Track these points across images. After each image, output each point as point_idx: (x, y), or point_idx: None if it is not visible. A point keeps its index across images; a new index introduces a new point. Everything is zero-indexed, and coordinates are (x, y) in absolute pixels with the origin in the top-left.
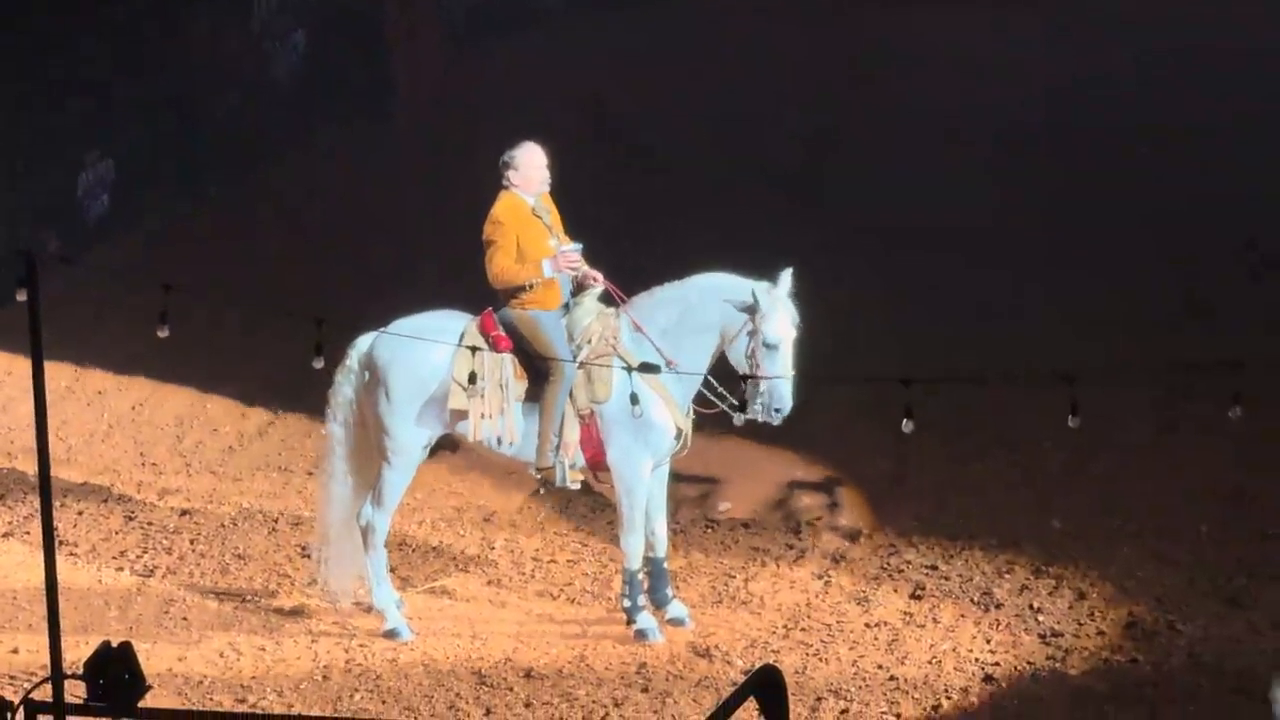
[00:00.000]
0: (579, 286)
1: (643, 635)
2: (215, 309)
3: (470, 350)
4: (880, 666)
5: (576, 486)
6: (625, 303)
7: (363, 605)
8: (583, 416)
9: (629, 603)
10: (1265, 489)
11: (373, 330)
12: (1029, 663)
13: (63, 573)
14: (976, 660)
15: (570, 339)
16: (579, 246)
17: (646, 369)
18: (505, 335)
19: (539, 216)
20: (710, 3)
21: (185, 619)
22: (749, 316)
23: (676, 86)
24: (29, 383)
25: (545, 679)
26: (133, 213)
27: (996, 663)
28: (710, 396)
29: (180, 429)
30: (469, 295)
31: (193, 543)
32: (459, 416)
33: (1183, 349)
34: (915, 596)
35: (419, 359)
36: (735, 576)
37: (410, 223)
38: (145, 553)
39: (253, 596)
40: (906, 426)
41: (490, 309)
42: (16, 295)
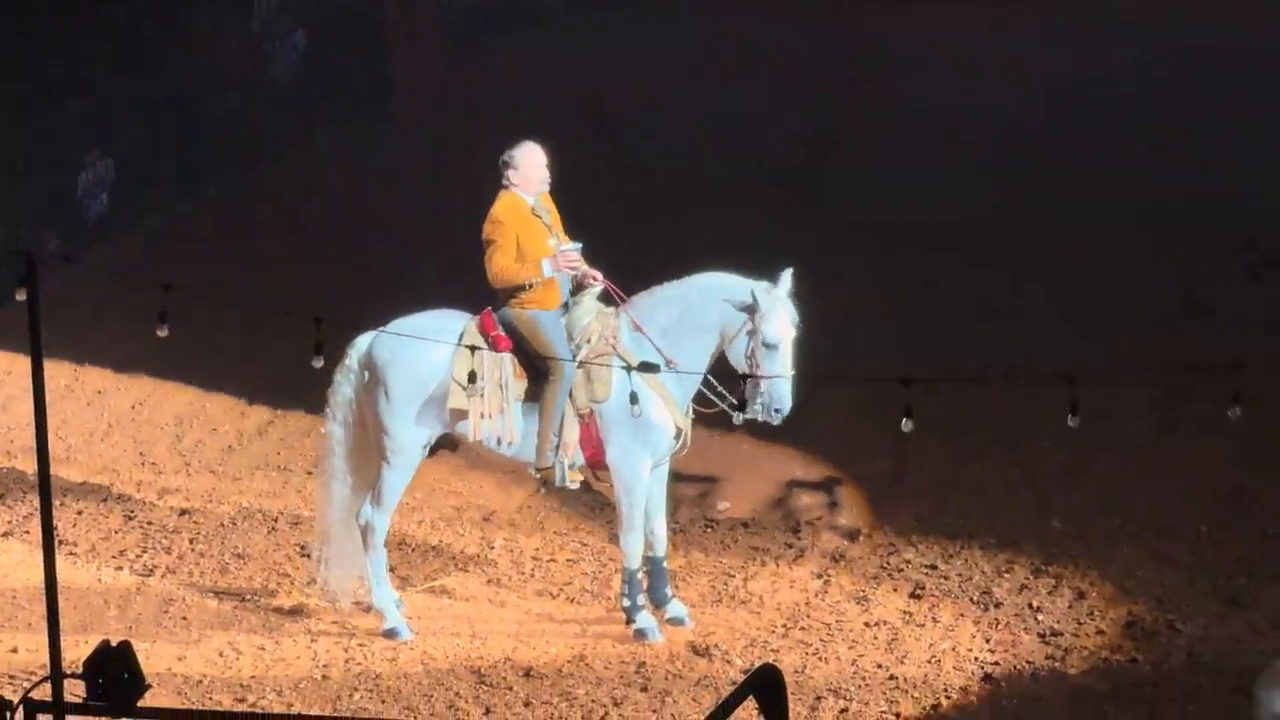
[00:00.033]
0: (578, 286)
1: (642, 634)
2: (215, 309)
3: (470, 350)
4: (880, 666)
5: (576, 486)
6: (625, 302)
7: (362, 605)
8: (582, 416)
9: (628, 602)
10: (1265, 489)
11: (372, 330)
12: (1028, 662)
13: (62, 572)
14: (976, 659)
15: (570, 338)
16: (578, 246)
17: (646, 368)
18: (505, 335)
19: (539, 216)
20: (710, 3)
21: (185, 618)
22: (748, 316)
23: (676, 86)
24: (28, 382)
25: (545, 678)
26: (132, 212)
27: (996, 662)
28: (710, 396)
29: (180, 428)
30: (469, 295)
31: (192, 542)
32: (458, 416)
33: (1182, 349)
34: (915, 596)
35: (418, 358)
36: (735, 576)
37: (410, 222)
38: (145, 552)
39: (252, 596)
40: (906, 426)
41: (490, 308)
42: (16, 295)
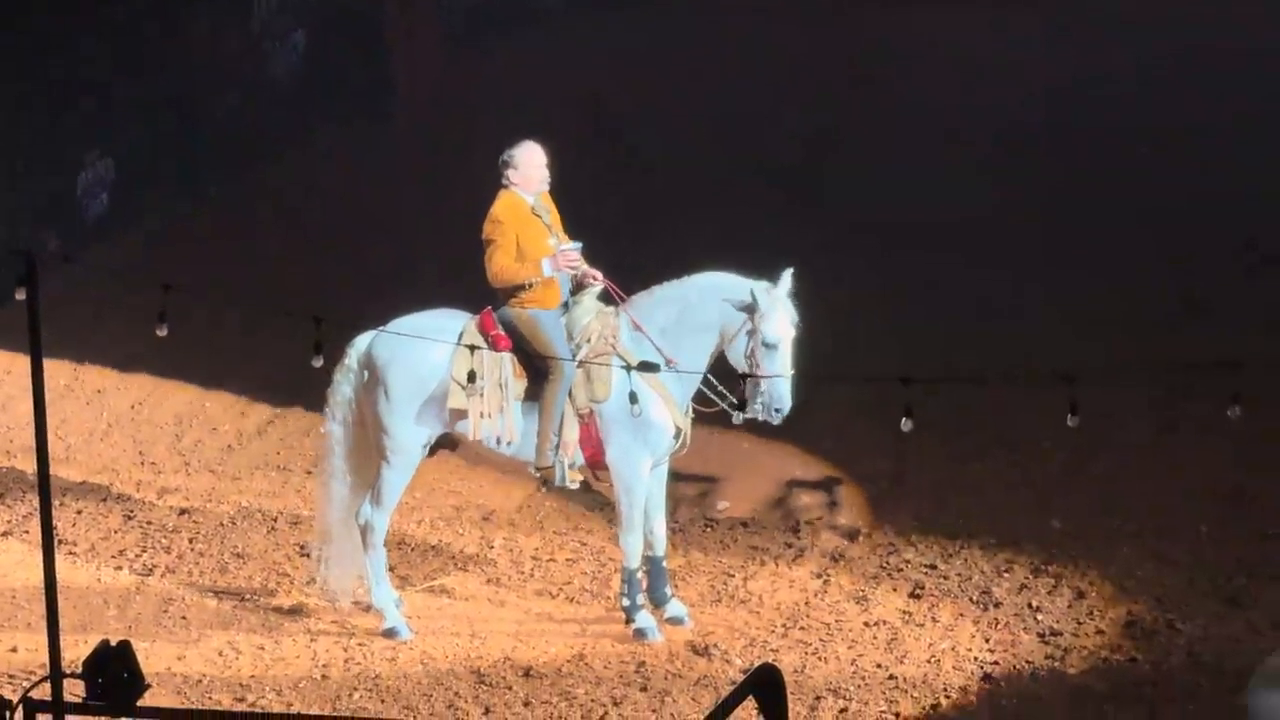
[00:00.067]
0: (578, 285)
1: (641, 634)
2: (215, 308)
3: (469, 349)
4: (879, 665)
5: (576, 485)
6: (624, 301)
7: (362, 604)
8: (582, 415)
9: (628, 601)
10: (1265, 489)
11: (372, 329)
12: (1028, 662)
13: (62, 571)
14: (975, 659)
15: (569, 338)
16: (578, 245)
17: (646, 368)
18: (504, 334)
19: (538, 215)
20: (710, 3)
21: (184, 618)
22: (748, 316)
23: (676, 86)
24: (28, 381)
25: (544, 678)
26: (132, 212)
27: (995, 662)
28: (710, 395)
29: (179, 428)
30: (468, 294)
31: (192, 541)
32: (458, 415)
33: (1182, 349)
34: (914, 595)
35: (418, 358)
36: (734, 575)
37: (409, 222)
38: (144, 551)
39: (251, 595)
40: (905, 426)
41: (489, 308)
42: (16, 294)
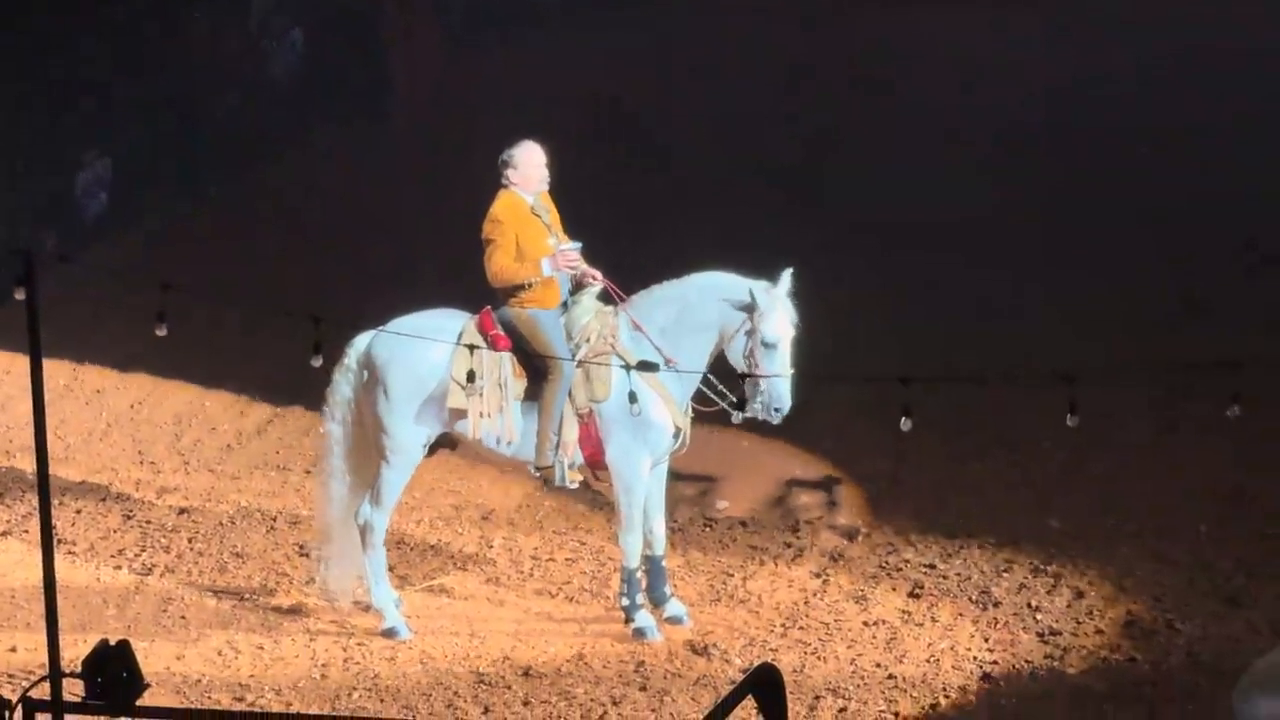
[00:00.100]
0: (578, 285)
1: (641, 633)
2: (214, 308)
3: (469, 349)
4: (878, 665)
5: (575, 485)
6: (624, 301)
7: (361, 604)
8: (581, 415)
9: (627, 601)
10: (1265, 489)
11: (371, 329)
12: (1027, 661)
13: (61, 571)
14: (975, 659)
15: (569, 338)
16: (578, 245)
17: (645, 367)
18: (504, 334)
19: (538, 215)
20: (710, 2)
21: (183, 617)
22: (747, 315)
23: (676, 86)
24: (27, 381)
25: (543, 677)
26: (132, 212)
27: (994, 661)
28: (710, 395)
29: (179, 427)
30: (468, 294)
31: (191, 541)
32: (458, 415)
33: (1182, 349)
34: (913, 595)
35: (417, 358)
36: (733, 575)
37: (409, 222)
38: (143, 551)
39: (251, 595)
40: (905, 425)
41: (489, 308)
42: (15, 294)
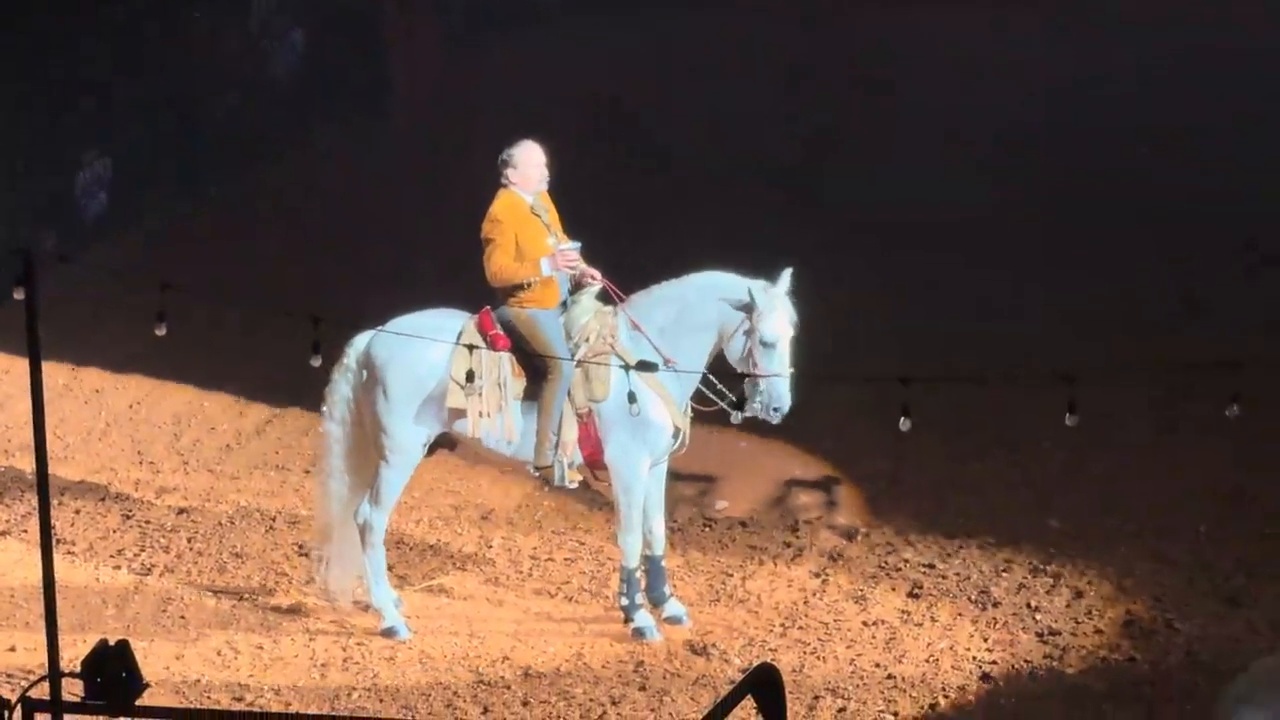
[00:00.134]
0: (577, 285)
1: (640, 633)
2: (214, 308)
3: (468, 349)
4: (878, 665)
5: (574, 485)
6: (623, 301)
7: (360, 604)
8: (581, 415)
9: (626, 601)
10: (1265, 489)
11: (370, 329)
12: (1026, 661)
13: (60, 571)
14: (974, 659)
15: (568, 337)
16: (577, 245)
17: (644, 367)
18: (503, 334)
19: (537, 215)
20: (710, 2)
21: (183, 617)
22: (746, 315)
23: (676, 86)
24: (27, 381)
25: (543, 677)
26: (132, 212)
27: (994, 661)
28: (709, 394)
29: (178, 427)
30: (467, 294)
31: (190, 541)
32: (457, 415)
33: (1182, 348)
34: (913, 595)
35: (417, 358)
36: (733, 575)
37: (408, 221)
38: (143, 551)
39: (250, 595)
40: (904, 425)
41: (488, 307)
42: (14, 294)
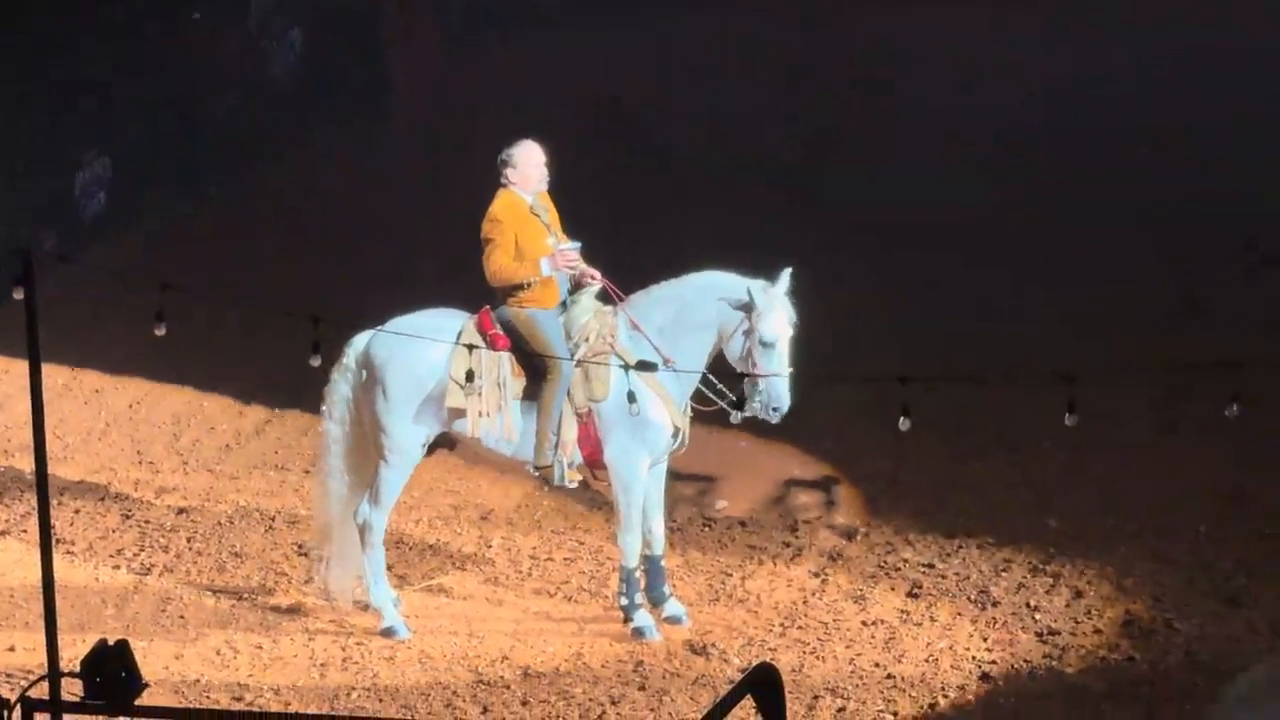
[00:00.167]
0: (576, 285)
1: (640, 633)
2: (214, 308)
3: (468, 348)
4: (877, 665)
5: (574, 485)
6: (623, 301)
7: (360, 603)
8: (580, 415)
9: (626, 600)
10: (1265, 489)
11: (370, 328)
12: (1026, 661)
13: (59, 571)
14: (973, 658)
15: (568, 337)
16: (577, 245)
17: (644, 367)
18: (503, 334)
19: (537, 215)
20: (710, 2)
21: (182, 617)
22: (745, 315)
23: (676, 86)
24: (26, 380)
25: (542, 677)
26: (132, 212)
27: (993, 661)
28: (709, 394)
29: (177, 427)
30: (467, 294)
31: (190, 541)
32: (456, 415)
33: (1182, 349)
34: (912, 595)
35: (416, 357)
36: (732, 574)
37: (408, 221)
38: (142, 551)
39: (250, 594)
40: (903, 425)
41: (488, 307)
42: (14, 294)
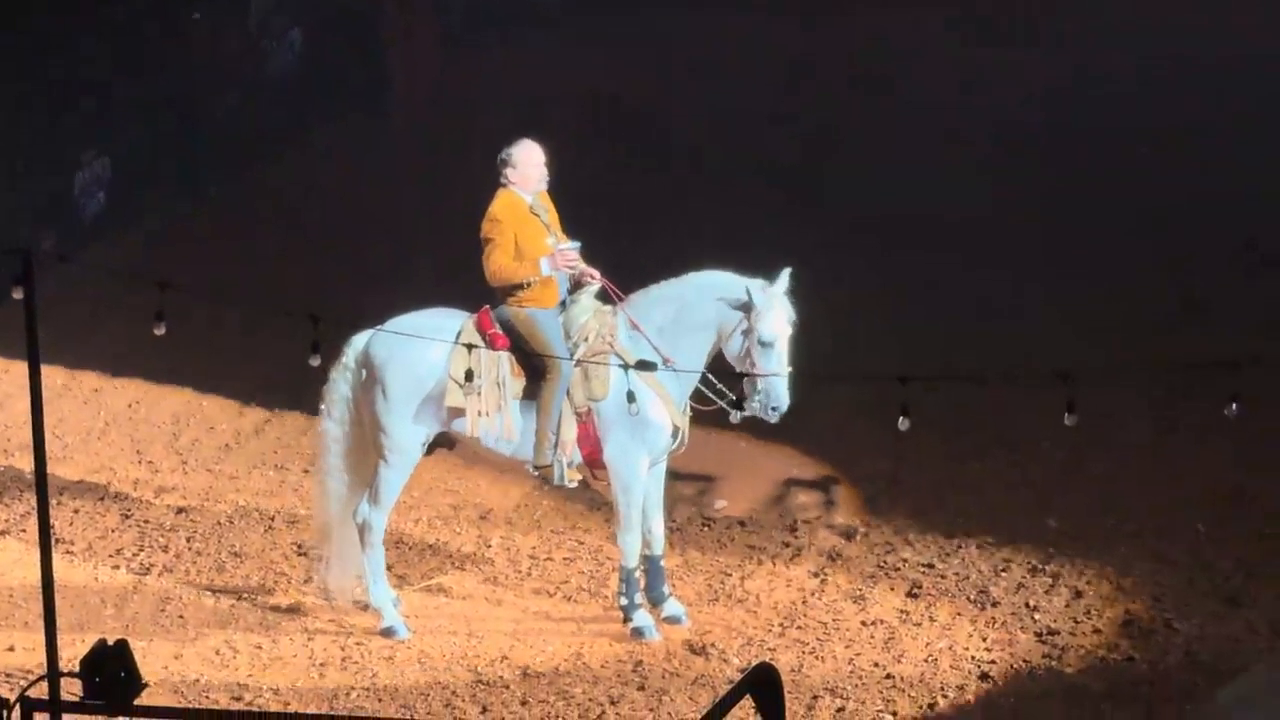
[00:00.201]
0: (576, 284)
1: (639, 633)
2: (213, 308)
3: (467, 348)
4: (876, 665)
5: (574, 484)
6: (622, 300)
7: (359, 603)
8: (580, 414)
9: (625, 600)
10: (1264, 489)
11: (369, 328)
12: (1025, 661)
13: (59, 570)
14: (973, 658)
15: (567, 337)
16: (577, 244)
17: (643, 367)
18: (502, 333)
19: (537, 214)
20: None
21: (181, 617)
22: (744, 314)
23: (676, 85)
24: (25, 380)
25: (541, 677)
26: (131, 212)
27: (993, 661)
28: (708, 394)
29: (177, 427)
30: (466, 293)
31: (189, 540)
32: (456, 414)
33: (1181, 349)
34: (911, 595)
35: (416, 357)
36: (731, 574)
37: (407, 221)
38: (141, 550)
39: (249, 594)
40: (902, 424)
41: (487, 307)
42: (13, 293)
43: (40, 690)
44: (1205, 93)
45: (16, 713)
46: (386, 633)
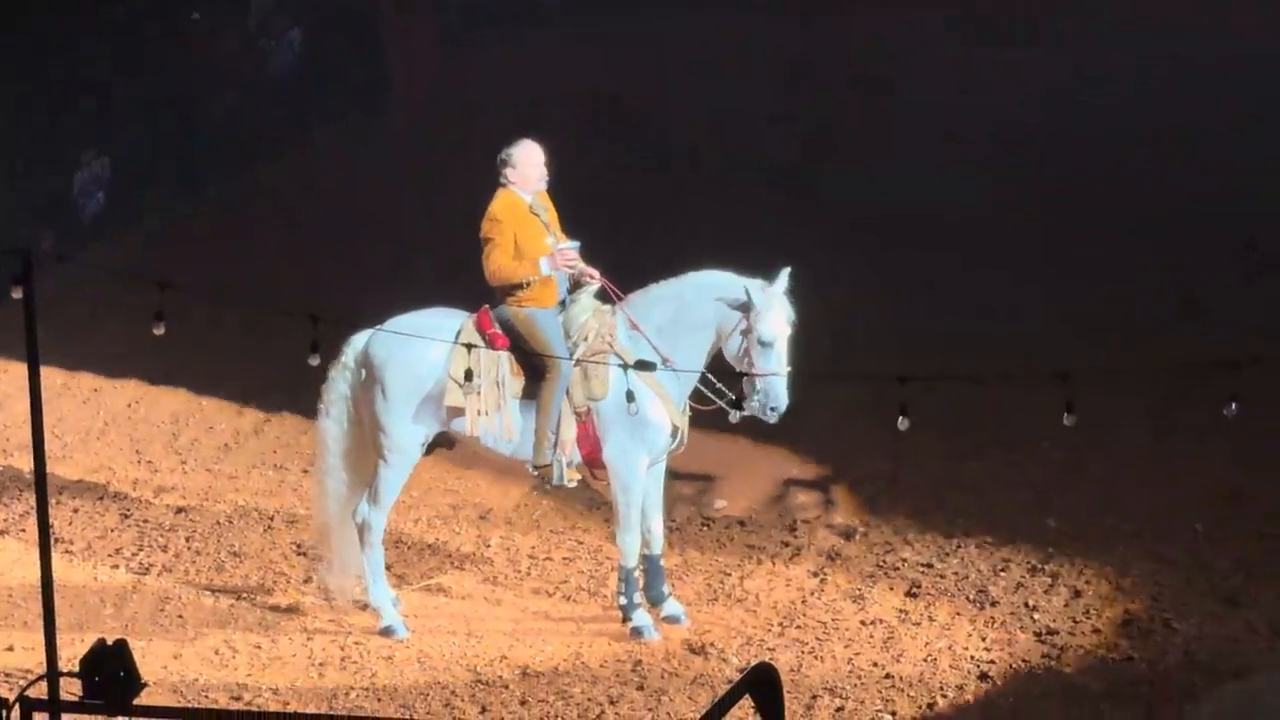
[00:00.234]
0: (575, 284)
1: (638, 633)
2: (212, 307)
3: (466, 348)
4: (875, 664)
5: (573, 484)
6: (621, 300)
7: (359, 603)
8: (579, 414)
9: (625, 600)
10: (1263, 489)
11: (369, 328)
12: (1024, 660)
13: (58, 570)
14: (972, 658)
15: (566, 336)
16: (576, 244)
17: (643, 366)
18: (502, 333)
19: (536, 214)
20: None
21: (181, 616)
22: (743, 314)
23: (675, 85)
24: (25, 380)
25: (541, 676)
26: (131, 212)
27: (992, 660)
28: (707, 394)
29: (176, 426)
30: (465, 293)
31: (188, 540)
32: (455, 414)
33: (1180, 350)
34: (911, 594)
35: (415, 357)
36: (731, 574)
37: (407, 220)
38: (141, 550)
39: (248, 594)
40: (902, 424)
41: (487, 306)
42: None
43: (40, 690)
44: (1204, 93)
45: (16, 712)
46: (385, 632)
